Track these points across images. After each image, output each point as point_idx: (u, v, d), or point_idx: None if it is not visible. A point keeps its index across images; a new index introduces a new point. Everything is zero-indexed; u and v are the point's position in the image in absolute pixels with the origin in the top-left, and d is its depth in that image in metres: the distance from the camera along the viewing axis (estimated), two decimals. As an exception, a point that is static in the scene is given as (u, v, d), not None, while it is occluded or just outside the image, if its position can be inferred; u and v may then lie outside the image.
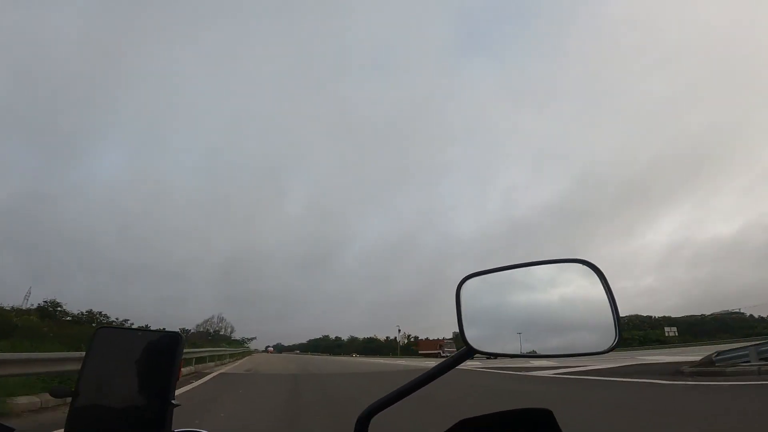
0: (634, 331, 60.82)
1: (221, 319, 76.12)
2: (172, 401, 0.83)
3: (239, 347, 47.12)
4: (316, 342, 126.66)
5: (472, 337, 0.72)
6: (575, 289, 0.76)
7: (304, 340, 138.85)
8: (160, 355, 0.87)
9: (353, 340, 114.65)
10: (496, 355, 0.73)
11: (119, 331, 0.90)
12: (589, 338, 0.73)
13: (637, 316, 69.07)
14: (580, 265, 0.76)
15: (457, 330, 0.74)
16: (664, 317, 70.21)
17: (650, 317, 70.97)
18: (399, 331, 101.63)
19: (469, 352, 0.72)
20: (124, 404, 0.83)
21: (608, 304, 0.73)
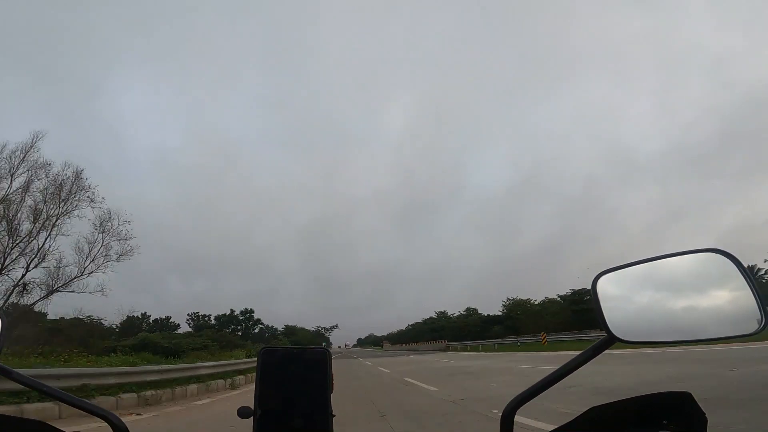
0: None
1: (68, 178, 21.79)
2: (332, 412, 0.95)
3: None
4: (430, 325, 71.77)
5: (613, 326, 0.79)
6: (711, 277, 0.80)
7: (402, 326, 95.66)
8: (315, 369, 0.98)
9: (520, 305, 50.96)
10: (637, 343, 0.80)
11: (279, 350, 1.02)
12: (732, 322, 0.77)
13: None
14: (714, 254, 0.80)
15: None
16: None
17: None
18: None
19: (611, 340, 0.79)
20: (296, 419, 0.95)
21: (748, 289, 0.77)
